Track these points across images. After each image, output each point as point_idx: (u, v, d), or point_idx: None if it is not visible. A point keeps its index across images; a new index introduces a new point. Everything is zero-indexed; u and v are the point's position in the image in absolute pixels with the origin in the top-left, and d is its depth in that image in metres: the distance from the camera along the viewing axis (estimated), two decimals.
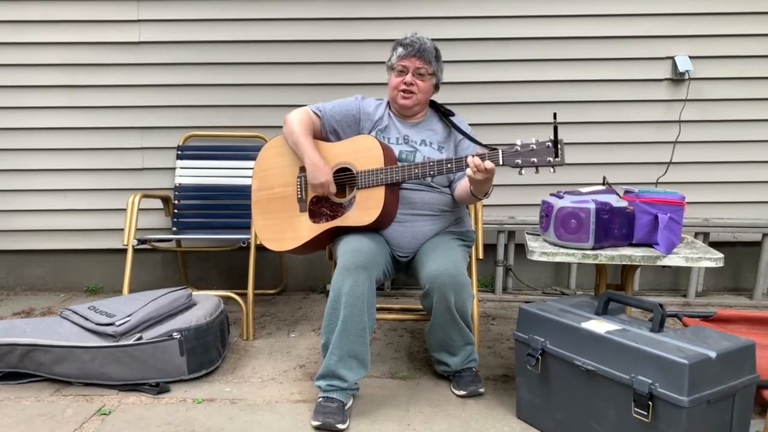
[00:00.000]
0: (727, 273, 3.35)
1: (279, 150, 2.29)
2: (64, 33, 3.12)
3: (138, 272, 3.16)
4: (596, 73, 3.14)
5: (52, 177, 3.25)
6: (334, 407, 1.90)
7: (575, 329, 1.73)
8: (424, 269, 2.02)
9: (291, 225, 2.22)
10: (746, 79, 3.13)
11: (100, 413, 1.99)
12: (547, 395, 1.83)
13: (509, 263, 3.29)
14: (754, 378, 1.60)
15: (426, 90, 2.18)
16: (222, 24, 3.11)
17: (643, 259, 1.88)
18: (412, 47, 2.13)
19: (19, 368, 2.19)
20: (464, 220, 2.30)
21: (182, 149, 3.15)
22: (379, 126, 2.22)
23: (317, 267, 3.36)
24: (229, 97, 3.18)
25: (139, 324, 2.17)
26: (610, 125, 3.18)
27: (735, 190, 3.23)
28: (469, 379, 2.14)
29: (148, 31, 3.12)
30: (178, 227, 3.10)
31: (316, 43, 3.13)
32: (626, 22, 3.09)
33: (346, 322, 1.92)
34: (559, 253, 1.91)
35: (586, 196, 1.95)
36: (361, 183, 2.09)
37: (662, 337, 1.60)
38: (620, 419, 1.60)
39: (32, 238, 3.31)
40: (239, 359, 2.45)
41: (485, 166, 1.88)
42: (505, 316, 3.01)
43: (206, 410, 2.02)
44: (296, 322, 2.92)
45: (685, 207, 1.98)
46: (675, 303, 3.18)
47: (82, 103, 3.18)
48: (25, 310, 3.06)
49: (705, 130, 3.18)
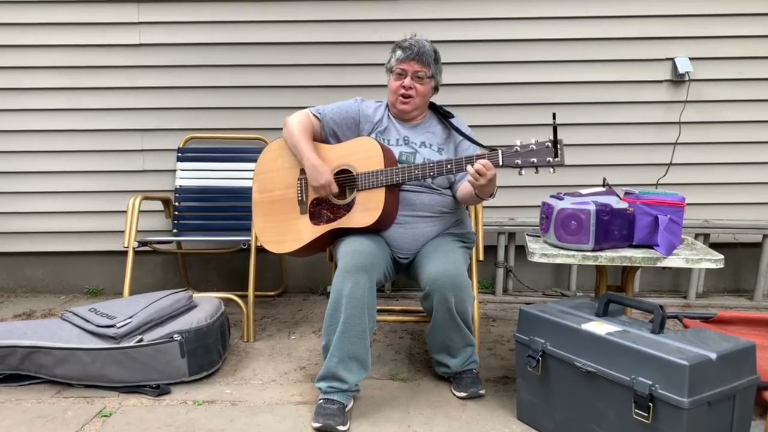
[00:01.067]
0: (727, 274, 3.35)
1: (279, 152, 2.29)
2: (64, 35, 3.12)
3: (138, 274, 3.16)
4: (596, 74, 3.14)
5: (53, 179, 3.25)
6: (334, 409, 1.90)
7: (576, 331, 1.73)
8: (425, 271, 2.02)
9: (292, 227, 2.23)
10: (746, 81, 3.14)
11: (101, 415, 1.99)
12: (548, 397, 1.83)
13: (509, 265, 3.29)
14: (754, 379, 1.60)
15: (425, 93, 2.18)
16: (222, 26, 3.12)
17: (643, 260, 1.88)
18: (410, 50, 2.13)
19: (20, 370, 2.19)
20: (464, 222, 2.30)
21: (183, 151, 3.15)
22: (378, 128, 2.22)
23: (317, 269, 3.36)
24: (230, 99, 3.18)
25: (140, 326, 2.17)
26: (610, 127, 3.19)
27: (735, 191, 3.23)
28: (470, 381, 2.14)
29: (149, 33, 3.12)
30: (178, 229, 3.10)
31: (316, 45, 3.13)
32: (626, 23, 3.10)
33: (347, 324, 1.93)
34: (560, 254, 1.92)
35: (587, 197, 1.96)
36: (362, 185, 2.09)
37: (663, 339, 1.60)
38: (621, 421, 1.60)
39: (33, 240, 3.31)
40: (240, 361, 2.45)
41: (485, 170, 1.89)
42: (505, 318, 3.01)
43: (207, 412, 2.02)
44: (297, 323, 2.92)
45: (685, 208, 1.98)
46: (675, 304, 3.19)
47: (83, 105, 3.18)
48: (26, 312, 3.06)
49: (705, 131, 3.18)
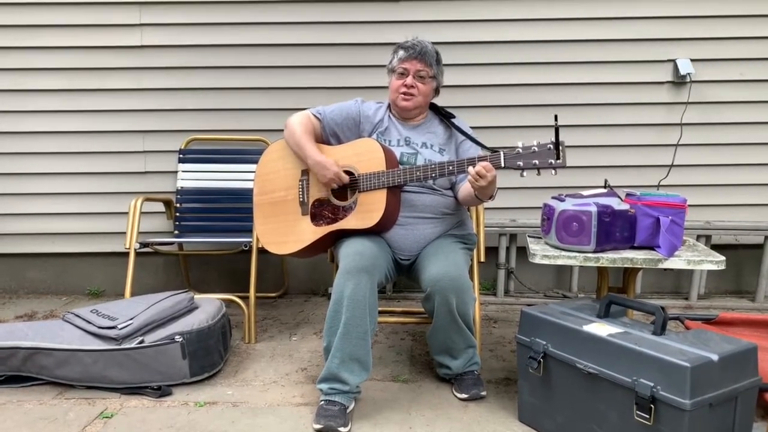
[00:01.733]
0: (729, 276, 3.34)
1: (280, 154, 2.29)
2: (67, 37, 3.12)
3: (140, 275, 3.15)
4: (598, 76, 3.14)
5: (55, 181, 3.25)
6: (335, 410, 1.90)
7: (577, 332, 1.73)
8: (426, 272, 2.02)
9: (293, 228, 2.23)
10: (748, 82, 3.13)
11: (103, 416, 1.99)
12: (549, 398, 1.83)
13: (511, 266, 3.29)
14: (756, 381, 1.60)
15: (426, 93, 2.18)
16: (224, 28, 3.12)
17: (644, 261, 1.88)
18: (413, 50, 2.14)
19: (21, 371, 2.19)
20: (466, 223, 2.30)
21: (184, 153, 3.16)
22: (379, 128, 2.22)
23: (319, 270, 3.36)
24: (231, 100, 3.18)
25: (142, 327, 2.18)
26: (611, 128, 3.18)
27: (737, 192, 3.23)
28: (471, 382, 2.14)
29: (150, 35, 3.13)
30: (180, 231, 3.10)
31: (317, 47, 3.13)
32: (627, 25, 3.09)
33: (348, 325, 1.92)
34: (561, 256, 1.92)
35: (588, 199, 1.95)
36: (363, 186, 2.09)
37: (664, 340, 1.60)
38: (622, 422, 1.60)
39: (34, 242, 3.31)
40: (241, 362, 2.45)
41: (485, 172, 1.89)
42: (506, 319, 3.01)
43: (208, 413, 2.02)
44: (298, 325, 2.92)
45: (686, 210, 1.98)
46: (677, 306, 3.18)
47: (85, 107, 3.19)
48: (28, 313, 3.06)
49: (707, 132, 3.18)
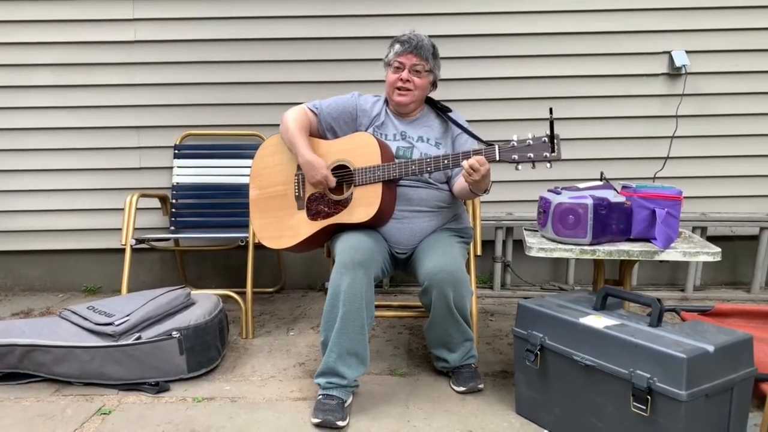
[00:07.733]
0: (724, 267, 3.36)
1: (276, 148, 2.29)
2: (60, 33, 3.10)
3: (136, 272, 3.15)
4: (593, 68, 3.14)
5: (49, 177, 3.24)
6: (333, 404, 1.91)
7: (574, 324, 1.73)
8: (423, 266, 2.02)
9: (289, 223, 2.22)
10: (743, 74, 3.14)
11: (100, 413, 1.99)
12: (546, 391, 1.84)
13: (507, 259, 3.29)
14: (752, 371, 1.61)
15: (422, 87, 2.18)
16: (218, 22, 3.10)
17: (640, 254, 1.89)
18: (409, 44, 2.13)
19: (18, 368, 2.19)
20: (462, 217, 2.30)
21: (179, 148, 3.14)
22: (376, 122, 2.22)
23: (316, 265, 3.36)
24: (226, 95, 3.17)
25: (138, 323, 2.17)
26: (607, 121, 3.18)
27: (732, 184, 3.23)
28: (468, 376, 2.14)
29: (144, 30, 3.11)
30: (176, 226, 3.09)
31: (313, 41, 3.12)
32: (622, 17, 3.09)
33: (345, 320, 1.93)
34: (557, 248, 1.92)
35: (584, 191, 1.96)
36: (359, 180, 2.09)
37: (660, 332, 1.61)
38: (619, 414, 1.61)
39: (30, 239, 3.30)
40: (239, 358, 2.45)
41: (478, 166, 1.89)
42: (503, 312, 3.02)
43: (206, 409, 2.02)
44: (295, 320, 2.92)
45: (682, 202, 1.98)
46: (673, 297, 3.19)
47: (78, 102, 3.17)
48: (24, 310, 3.06)
49: (702, 124, 3.18)
